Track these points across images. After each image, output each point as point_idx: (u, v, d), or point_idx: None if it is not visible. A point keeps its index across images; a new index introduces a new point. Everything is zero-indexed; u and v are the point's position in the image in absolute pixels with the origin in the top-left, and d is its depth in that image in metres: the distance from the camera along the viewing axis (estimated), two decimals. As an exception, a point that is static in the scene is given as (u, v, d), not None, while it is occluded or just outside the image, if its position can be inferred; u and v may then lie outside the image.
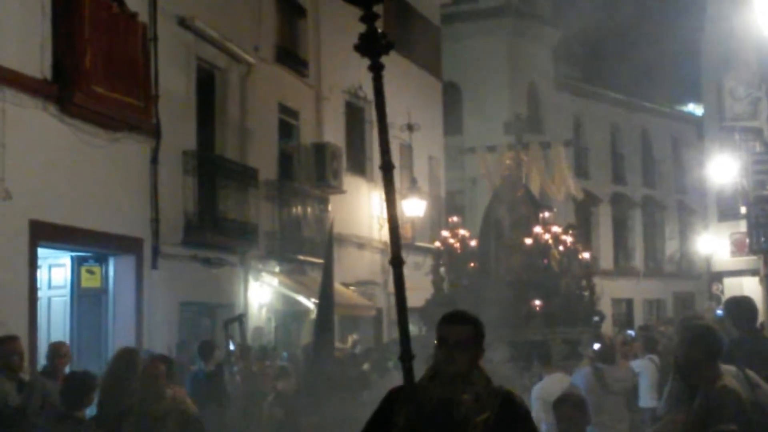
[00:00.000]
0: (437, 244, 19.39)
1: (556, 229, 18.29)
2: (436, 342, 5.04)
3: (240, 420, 13.20)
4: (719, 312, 19.87)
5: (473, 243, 18.91)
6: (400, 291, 4.85)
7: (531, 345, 15.44)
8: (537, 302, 17.18)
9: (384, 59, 4.92)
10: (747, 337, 8.83)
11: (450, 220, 20.42)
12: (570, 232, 18.76)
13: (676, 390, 6.91)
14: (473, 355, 5.05)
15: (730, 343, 8.98)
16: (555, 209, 19.26)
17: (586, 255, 19.19)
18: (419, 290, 19.75)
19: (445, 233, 19.57)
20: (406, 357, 4.71)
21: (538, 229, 18.06)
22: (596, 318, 31.84)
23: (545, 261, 18.13)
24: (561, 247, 18.15)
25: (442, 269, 19.07)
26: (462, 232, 19.13)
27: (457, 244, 18.88)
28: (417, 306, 18.95)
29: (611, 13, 40.32)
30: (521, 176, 19.23)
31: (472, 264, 18.73)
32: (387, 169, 4.89)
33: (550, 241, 17.97)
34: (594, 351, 18.44)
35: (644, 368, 14.17)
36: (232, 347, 15.85)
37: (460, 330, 5.05)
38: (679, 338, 7.15)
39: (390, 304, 26.47)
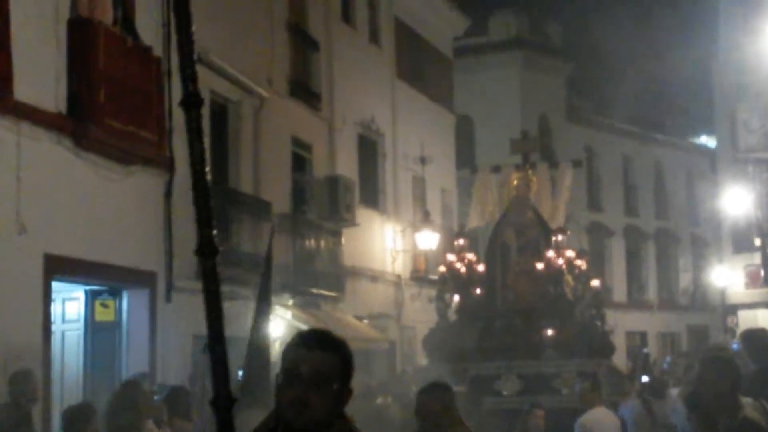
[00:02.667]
0: (441, 268, 18.17)
1: (569, 253, 17.17)
2: (280, 375, 3.52)
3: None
4: (735, 345, 19.77)
5: (481, 268, 17.73)
6: (213, 303, 3.62)
7: (543, 377, 15.15)
8: (549, 331, 16.21)
9: (397, 92, 4.82)
10: (764, 369, 8.79)
11: (456, 243, 18.70)
12: (584, 257, 17.85)
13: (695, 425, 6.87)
14: (337, 399, 3.51)
15: (748, 376, 8.94)
16: (569, 232, 18.02)
17: (596, 283, 18.24)
18: (432, 323, 19.71)
19: (450, 257, 18.20)
20: (222, 401, 3.33)
21: (550, 254, 16.90)
22: (645, 350, 31.62)
23: (557, 287, 17.02)
24: (575, 272, 17.15)
25: (446, 295, 17.87)
26: (469, 256, 17.90)
27: (464, 269, 17.63)
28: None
29: (624, 44, 40.38)
30: (530, 197, 18.12)
31: (477, 290, 17.55)
32: (190, 104, 3.43)
33: (564, 267, 16.89)
34: (642, 384, 18.24)
35: None
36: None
37: (320, 359, 3.47)
38: (699, 370, 7.13)
39: (403, 337, 26.42)
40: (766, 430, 6.27)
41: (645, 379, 18.30)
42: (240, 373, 17.35)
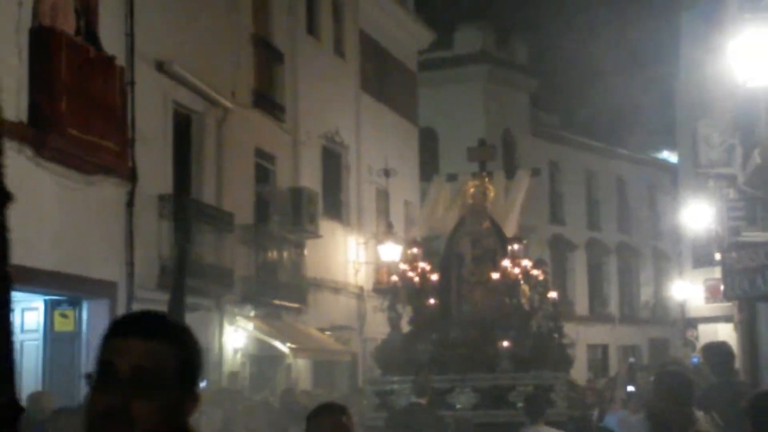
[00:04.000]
0: (394, 278, 17.11)
1: (526, 262, 16.30)
2: (91, 376, 2.51)
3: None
4: (695, 359, 19.92)
5: (435, 277, 16.65)
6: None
7: (499, 390, 14.93)
8: (505, 343, 15.35)
9: (362, 104, 4.85)
10: (724, 382, 8.87)
11: (408, 252, 17.77)
12: (541, 267, 16.77)
13: None
14: (173, 409, 2.50)
15: (709, 389, 9.04)
16: (525, 241, 17.09)
17: (553, 294, 16.89)
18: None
19: (403, 266, 17.30)
20: (4, 410, 2.59)
21: (506, 263, 16.08)
22: (631, 359, 31.51)
23: (513, 298, 16.26)
24: (532, 282, 16.40)
25: (399, 306, 16.71)
26: (422, 265, 16.75)
27: (417, 279, 16.54)
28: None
29: (587, 60, 40.67)
30: (486, 206, 17.20)
31: (431, 301, 16.52)
32: None
33: (520, 276, 16.08)
34: (628, 394, 18.05)
35: None
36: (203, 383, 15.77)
37: (144, 351, 2.47)
38: (654, 385, 7.25)
39: (366, 350, 26.43)
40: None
41: (630, 388, 18.35)
42: (202, 384, 17.37)
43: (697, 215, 29.28)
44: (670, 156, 48.20)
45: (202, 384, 13.53)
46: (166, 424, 2.48)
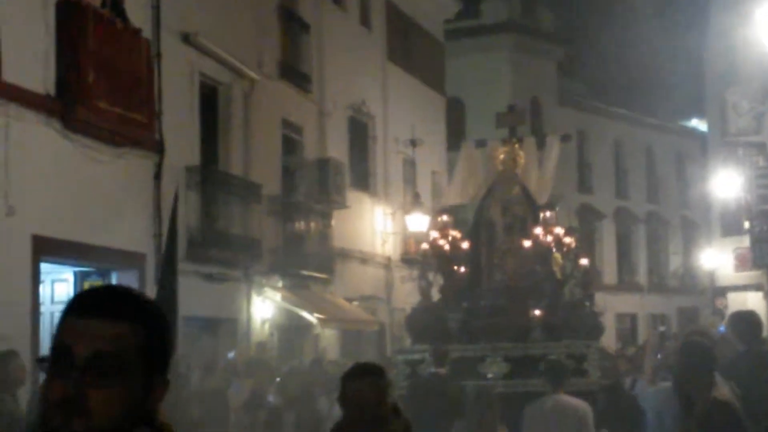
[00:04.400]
0: (424, 246, 16.69)
1: (558, 230, 15.90)
2: (48, 358, 2.23)
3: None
4: (722, 328, 19.80)
5: (465, 245, 16.29)
6: None
7: (530, 360, 14.28)
8: (537, 312, 15.11)
9: (388, 75, 4.81)
10: (752, 350, 8.85)
11: (438, 218, 17.24)
12: (573, 235, 16.44)
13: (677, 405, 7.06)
14: (138, 394, 2.22)
15: (735, 357, 9.02)
16: (557, 208, 17.00)
17: (584, 261, 16.55)
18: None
19: (433, 233, 16.91)
20: None
21: (538, 230, 15.73)
22: (661, 328, 31.17)
23: (545, 266, 15.97)
24: (564, 250, 15.97)
25: (430, 274, 16.38)
26: (453, 233, 16.31)
27: (447, 247, 16.12)
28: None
29: (615, 28, 40.39)
30: (516, 173, 16.82)
31: (462, 268, 16.22)
32: None
33: (552, 244, 15.75)
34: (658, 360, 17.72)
35: None
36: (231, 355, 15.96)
37: (107, 332, 2.18)
38: (678, 355, 7.34)
39: (393, 320, 26.49)
40: (735, 408, 6.52)
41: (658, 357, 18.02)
42: (230, 355, 17.49)
43: (726, 184, 29.16)
44: (699, 124, 47.92)
45: (230, 355, 13.52)
46: (128, 414, 2.20)
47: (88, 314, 2.20)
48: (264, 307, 20.76)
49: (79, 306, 2.24)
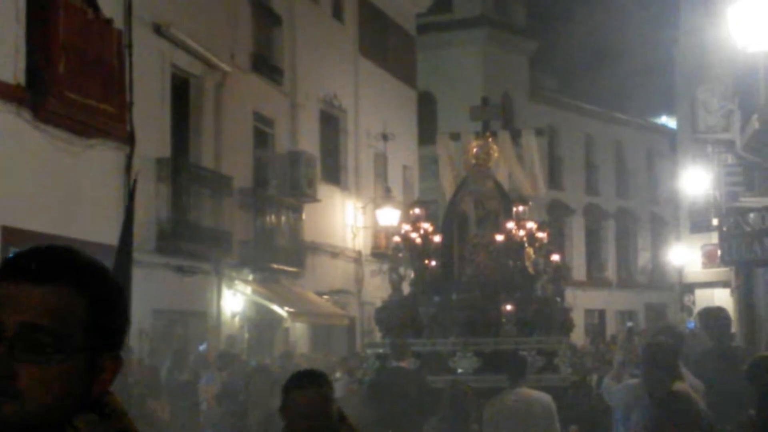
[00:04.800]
0: (396, 239, 16.50)
1: (531, 224, 15.84)
2: None
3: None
4: (691, 324, 19.93)
5: (437, 239, 16.16)
6: None
7: (501, 355, 13.96)
8: (509, 307, 14.86)
9: (360, 68, 4.77)
10: (720, 347, 8.92)
11: (410, 212, 17.12)
12: (545, 230, 16.30)
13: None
14: (80, 373, 1.85)
15: (704, 353, 9.09)
16: (530, 203, 16.56)
17: (556, 257, 16.55)
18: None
19: (405, 227, 16.74)
20: None
21: (510, 225, 15.66)
22: (629, 323, 31.12)
23: (518, 261, 15.82)
24: (536, 245, 15.78)
25: (401, 268, 16.13)
26: (425, 226, 16.21)
27: (419, 240, 15.99)
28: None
29: (587, 24, 40.54)
30: (489, 166, 16.64)
31: (433, 263, 16.02)
32: None
33: (525, 239, 15.65)
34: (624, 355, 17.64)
35: None
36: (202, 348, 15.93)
37: (41, 299, 1.81)
38: (641, 356, 7.63)
39: (363, 314, 26.49)
40: (690, 398, 6.80)
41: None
42: (201, 347, 17.44)
43: (695, 180, 29.31)
44: (668, 121, 48.16)
45: (201, 347, 13.39)
46: (69, 396, 1.84)
47: (20, 278, 1.83)
48: (234, 301, 20.72)
49: (10, 269, 1.86)
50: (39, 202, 14.19)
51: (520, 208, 15.93)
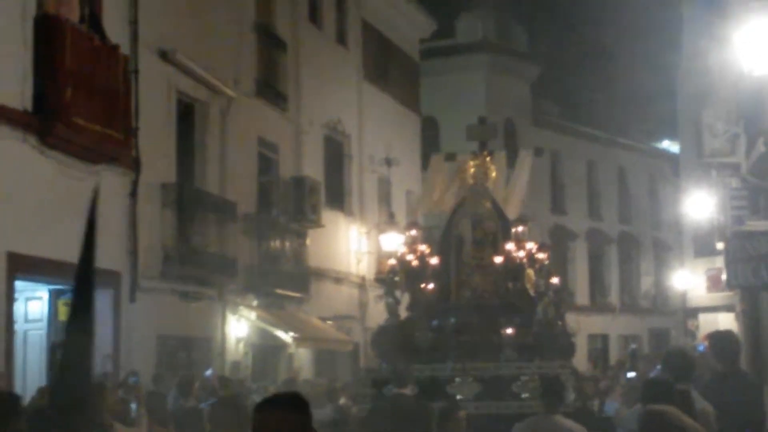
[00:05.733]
0: (391, 261, 16.00)
1: (530, 245, 15.42)
2: None
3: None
4: (701, 347, 19.83)
5: (434, 261, 15.56)
6: None
7: (502, 380, 13.78)
8: (509, 330, 14.33)
9: (364, 93, 4.64)
10: (731, 372, 8.87)
11: (407, 233, 16.52)
12: (546, 251, 15.90)
13: None
14: None
15: (714, 377, 9.03)
16: (529, 223, 16.21)
17: (555, 280, 15.91)
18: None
19: (401, 248, 16.36)
20: None
21: (510, 246, 15.17)
22: (633, 346, 31.03)
23: (518, 283, 15.23)
24: (537, 266, 15.32)
25: (397, 291, 15.58)
26: (421, 248, 15.67)
27: (416, 262, 15.44)
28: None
29: (589, 49, 40.62)
30: (487, 187, 16.17)
31: (430, 286, 15.36)
32: None
33: (525, 260, 15.15)
34: (627, 380, 17.15)
35: None
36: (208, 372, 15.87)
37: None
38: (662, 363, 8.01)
39: (367, 339, 26.43)
40: (665, 416, 7.33)
41: (631, 374, 17.53)
42: (207, 373, 17.38)
43: (699, 205, 29.30)
44: (671, 146, 48.15)
45: (207, 372, 13.32)
46: None
47: None
48: (239, 326, 20.68)
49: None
50: (44, 229, 14.17)
51: (520, 228, 15.53)
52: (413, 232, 16.25)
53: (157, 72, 17.78)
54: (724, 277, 22.88)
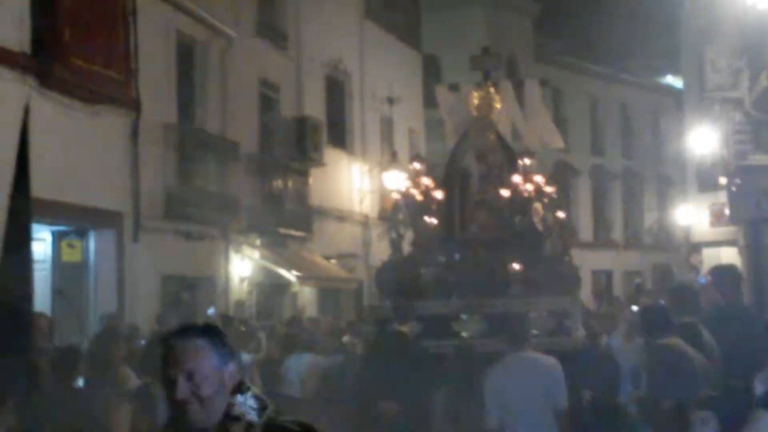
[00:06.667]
0: (395, 195, 15.43)
1: (538, 178, 14.64)
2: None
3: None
4: (702, 279, 19.86)
5: (439, 195, 14.90)
6: None
7: (509, 317, 12.06)
8: (516, 266, 13.70)
9: (365, 32, 4.50)
10: (732, 305, 8.92)
11: (411, 167, 15.71)
12: (554, 185, 15.29)
13: None
14: None
15: (716, 311, 9.07)
16: (536, 154, 15.33)
17: (562, 214, 15.32)
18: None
19: (405, 182, 15.63)
20: None
21: (516, 179, 14.41)
22: (638, 281, 30.67)
23: (525, 217, 14.45)
24: (544, 201, 14.63)
25: (401, 227, 14.96)
26: (425, 181, 14.94)
27: (420, 197, 14.80)
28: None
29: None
30: (491, 118, 15.30)
31: (434, 221, 14.72)
32: None
33: (533, 194, 14.42)
34: (632, 314, 16.61)
35: None
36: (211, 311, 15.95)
37: None
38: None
39: (371, 277, 26.50)
40: (678, 348, 7.40)
41: (634, 308, 17.19)
42: (209, 311, 17.47)
43: (702, 140, 29.24)
44: (674, 81, 47.91)
45: (210, 311, 13.35)
46: None
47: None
48: (242, 266, 20.74)
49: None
50: (45, 170, 14.13)
51: (526, 161, 14.75)
52: (417, 166, 15.44)
53: (156, 12, 17.67)
54: (727, 211, 22.91)
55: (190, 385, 3.55)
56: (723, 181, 23.18)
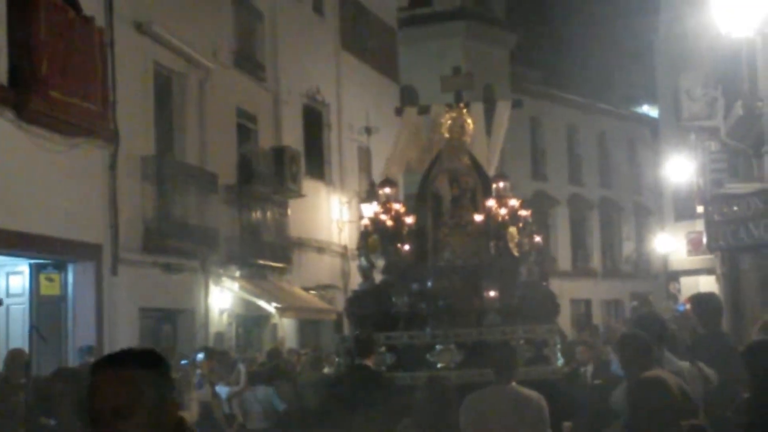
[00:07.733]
0: (364, 222, 14.75)
1: (513, 202, 14.19)
2: None
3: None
4: (681, 307, 19.91)
5: (410, 220, 14.24)
6: None
7: (486, 346, 12.01)
8: (492, 293, 13.27)
9: (342, 62, 4.55)
10: (711, 334, 8.92)
11: (380, 191, 14.96)
12: (528, 209, 14.58)
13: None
14: None
15: (696, 340, 9.09)
16: (510, 178, 14.86)
17: (538, 239, 14.48)
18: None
19: (374, 207, 14.92)
20: None
21: (491, 203, 13.98)
22: (634, 303, 30.41)
23: (500, 242, 13.95)
24: (519, 225, 14.06)
25: (372, 255, 14.21)
26: (396, 206, 14.32)
27: (390, 222, 14.14)
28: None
29: (567, 15, 40.59)
30: (465, 140, 14.79)
31: (406, 247, 14.05)
32: None
33: (507, 218, 13.94)
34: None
35: None
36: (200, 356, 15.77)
37: None
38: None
39: (350, 308, 26.47)
40: (661, 383, 6.90)
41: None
42: (199, 357, 17.24)
43: (679, 168, 29.42)
44: (650, 110, 48.24)
45: (199, 356, 13.12)
46: None
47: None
48: (222, 297, 20.67)
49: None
50: (24, 203, 14.11)
51: (501, 184, 14.33)
52: (387, 190, 14.74)
53: (134, 44, 17.69)
54: (704, 240, 22.99)
55: (117, 424, 2.99)
56: (700, 209, 23.30)
